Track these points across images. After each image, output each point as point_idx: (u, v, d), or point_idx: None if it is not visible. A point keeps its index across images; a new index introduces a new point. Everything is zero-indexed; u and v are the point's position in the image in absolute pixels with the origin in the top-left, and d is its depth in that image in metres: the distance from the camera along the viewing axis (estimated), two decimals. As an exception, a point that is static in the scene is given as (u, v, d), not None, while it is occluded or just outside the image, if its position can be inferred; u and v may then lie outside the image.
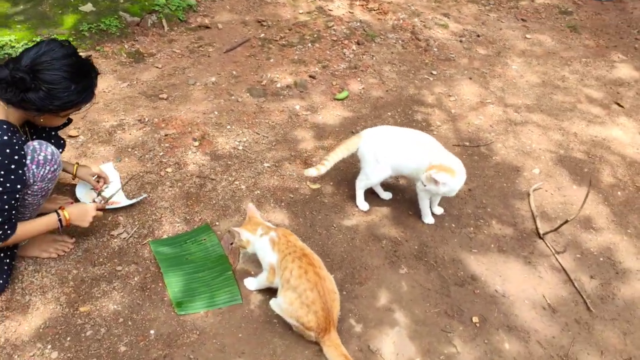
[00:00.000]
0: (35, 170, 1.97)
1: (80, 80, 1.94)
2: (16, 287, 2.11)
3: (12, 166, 1.86)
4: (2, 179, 1.83)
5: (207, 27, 4.23)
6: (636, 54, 4.43)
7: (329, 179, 2.85)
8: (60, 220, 2.12)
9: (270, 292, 2.15)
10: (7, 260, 2.09)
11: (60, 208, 2.15)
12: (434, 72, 3.99)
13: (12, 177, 1.87)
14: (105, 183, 2.53)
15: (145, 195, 2.59)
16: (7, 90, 1.85)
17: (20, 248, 2.20)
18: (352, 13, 4.76)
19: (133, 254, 2.32)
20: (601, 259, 2.51)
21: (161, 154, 2.89)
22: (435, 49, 4.29)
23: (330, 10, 4.74)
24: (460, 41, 4.46)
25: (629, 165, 3.15)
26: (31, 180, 1.98)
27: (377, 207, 2.70)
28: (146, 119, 3.14)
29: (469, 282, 2.34)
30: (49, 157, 2.01)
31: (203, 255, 2.35)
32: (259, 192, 2.73)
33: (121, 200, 2.54)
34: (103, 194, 2.52)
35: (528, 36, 4.61)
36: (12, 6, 3.80)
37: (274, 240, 2.04)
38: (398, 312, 2.18)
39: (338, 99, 3.56)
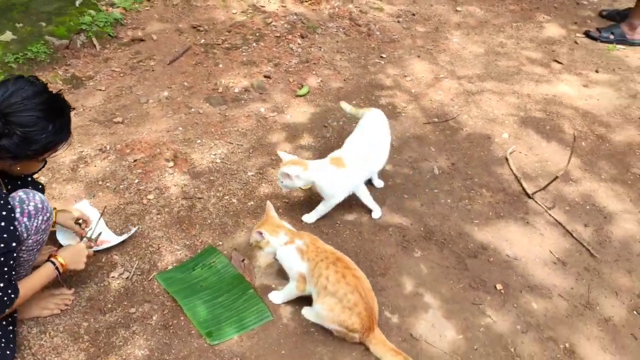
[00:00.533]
0: (27, 223, 1.77)
1: (56, 118, 1.76)
2: (25, 354, 1.90)
3: (2, 223, 1.65)
4: None
5: (142, 40, 3.99)
6: (558, 12, 4.75)
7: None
8: (57, 268, 1.93)
9: (299, 301, 2.10)
10: (10, 328, 1.87)
11: (51, 256, 1.95)
12: (383, 55, 4.04)
13: (5, 235, 1.66)
14: (87, 225, 2.32)
15: (135, 228, 2.42)
16: None
17: (18, 311, 1.97)
18: (285, 7, 4.68)
19: (142, 292, 2.16)
20: (587, 207, 2.69)
21: (136, 181, 2.70)
22: (378, 33, 4.34)
23: (263, 6, 4.63)
24: (399, 22, 4.54)
25: (583, 117, 3.39)
26: (25, 235, 1.78)
27: (373, 196, 2.70)
28: (107, 147, 2.91)
29: (480, 252, 2.42)
30: (40, 205, 1.81)
31: (217, 279, 2.23)
32: (252, 203, 2.63)
33: (110, 239, 2.35)
34: (87, 235, 2.32)
35: (458, 9, 4.79)
36: None
37: (302, 249, 1.98)
38: (427, 295, 2.20)
39: (300, 95, 3.51)
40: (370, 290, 1.95)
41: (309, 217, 2.54)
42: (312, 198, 2.68)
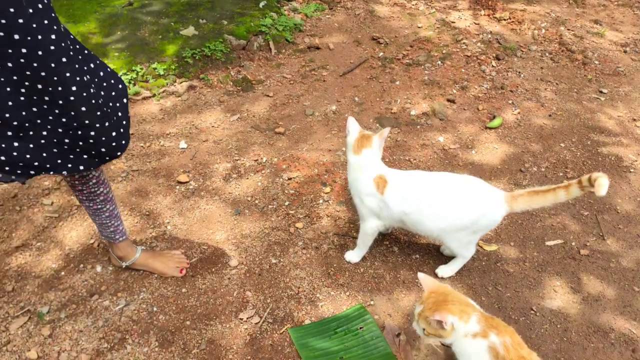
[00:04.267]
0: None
1: None
2: (126, 398, 1.58)
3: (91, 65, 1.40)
4: None
5: (317, 48, 3.70)
6: None
7: (507, 238, 2.15)
8: None
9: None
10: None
11: None
12: (604, 91, 3.19)
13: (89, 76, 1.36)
14: None
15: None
16: None
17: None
18: (479, 24, 4.06)
19: (269, 347, 1.74)
20: None
21: (287, 203, 2.33)
22: (596, 62, 3.49)
23: (452, 22, 4.07)
24: (625, 52, 3.62)
25: None
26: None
27: (588, 281, 1.96)
28: (264, 159, 2.60)
29: None
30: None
31: (363, 353, 1.72)
32: (417, 256, 2.08)
33: None
34: None
35: None
36: (108, 34, 3.46)
37: (498, 353, 1.36)
38: None
39: (491, 128, 2.86)
40: None
41: (351, 256, 2.05)
42: (497, 265, 2.04)
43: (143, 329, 1.78)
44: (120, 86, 1.47)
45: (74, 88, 1.25)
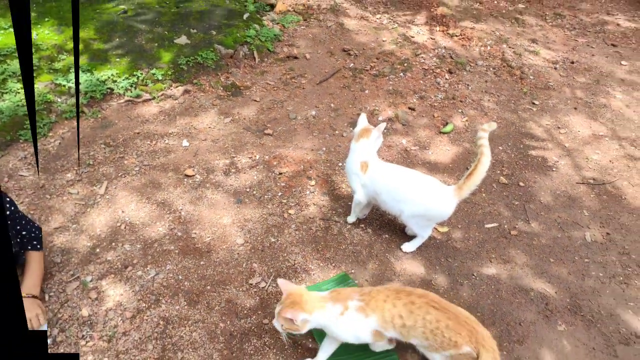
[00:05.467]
0: None
1: None
2: (166, 343, 2.04)
3: None
4: None
5: (295, 57, 4.19)
6: None
7: (456, 222, 2.73)
8: None
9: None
10: None
11: None
12: (536, 102, 3.84)
13: None
14: None
15: None
16: None
17: None
18: (434, 39, 4.66)
19: (275, 305, 2.23)
20: None
21: (280, 194, 2.82)
22: (532, 77, 4.15)
23: (412, 37, 4.66)
24: (555, 68, 4.31)
25: None
26: None
27: (515, 254, 2.57)
28: (257, 157, 3.08)
29: (633, 340, 2.18)
30: None
31: (347, 308, 2.24)
32: (387, 236, 2.62)
33: None
34: None
35: (624, 63, 4.44)
36: (107, 40, 3.82)
37: (361, 306, 1.80)
38: (568, 376, 2.03)
39: (444, 132, 3.45)
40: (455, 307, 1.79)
41: (348, 219, 2.64)
42: (448, 242, 2.61)
43: (173, 292, 2.23)
44: None
45: None
